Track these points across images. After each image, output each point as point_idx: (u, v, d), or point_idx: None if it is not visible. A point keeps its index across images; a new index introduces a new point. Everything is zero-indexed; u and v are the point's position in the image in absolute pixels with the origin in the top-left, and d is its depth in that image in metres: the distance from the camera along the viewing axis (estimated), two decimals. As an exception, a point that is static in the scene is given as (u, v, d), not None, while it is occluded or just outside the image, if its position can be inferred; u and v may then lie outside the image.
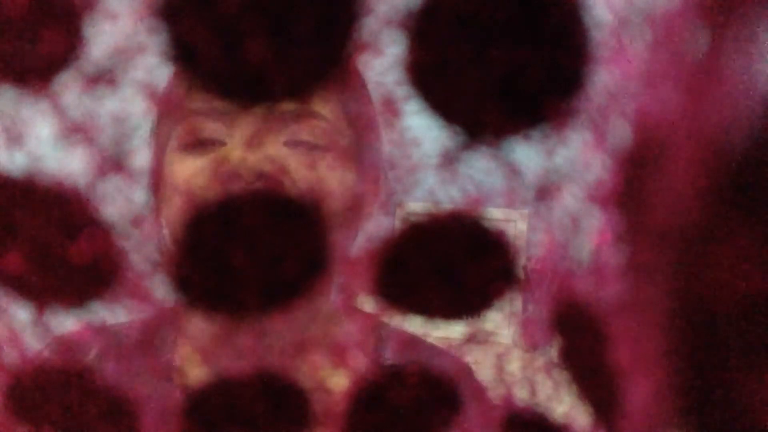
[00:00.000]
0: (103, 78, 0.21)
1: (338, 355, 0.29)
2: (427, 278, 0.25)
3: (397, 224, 0.25)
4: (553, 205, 0.24)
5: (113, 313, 0.24)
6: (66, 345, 0.25)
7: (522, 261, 0.25)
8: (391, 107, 0.23)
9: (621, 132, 0.21)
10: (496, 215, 0.25)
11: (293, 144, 0.37)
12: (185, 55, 0.20)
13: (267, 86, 0.20)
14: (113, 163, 0.22)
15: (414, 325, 0.27)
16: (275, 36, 0.19)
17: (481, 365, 0.31)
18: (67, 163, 0.22)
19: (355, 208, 0.38)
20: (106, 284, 0.23)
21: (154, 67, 0.21)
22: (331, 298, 0.39)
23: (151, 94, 0.22)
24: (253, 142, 0.35)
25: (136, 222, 0.23)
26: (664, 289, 0.18)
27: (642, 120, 0.20)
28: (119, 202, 0.23)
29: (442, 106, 0.21)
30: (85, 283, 0.23)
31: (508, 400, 0.28)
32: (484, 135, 0.21)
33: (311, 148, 0.37)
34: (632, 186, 0.20)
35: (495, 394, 0.28)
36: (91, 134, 0.22)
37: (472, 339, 0.29)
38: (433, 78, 0.21)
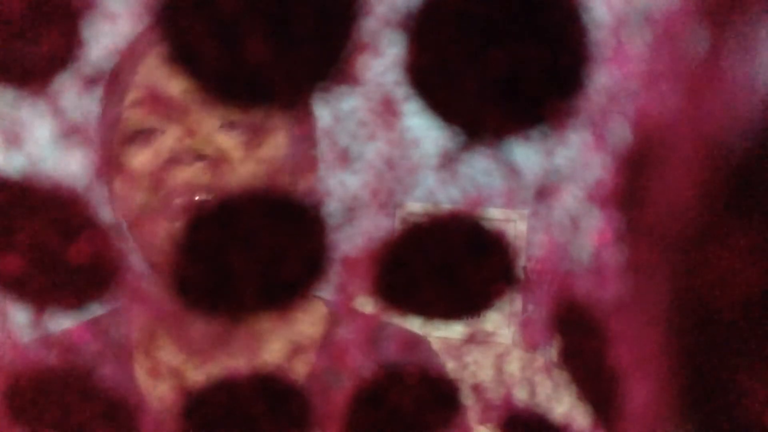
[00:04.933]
0: (103, 78, 0.21)
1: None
2: (427, 278, 0.25)
3: (397, 224, 0.25)
4: (553, 205, 0.24)
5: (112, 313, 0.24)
6: (65, 345, 0.25)
7: (522, 261, 0.25)
8: (391, 107, 0.23)
9: (621, 132, 0.21)
10: (496, 215, 0.25)
11: (229, 126, 0.37)
12: (185, 55, 0.20)
13: (267, 86, 0.20)
14: (113, 164, 0.22)
15: (414, 325, 0.27)
16: (275, 36, 0.19)
17: (481, 365, 0.31)
18: (65, 164, 0.22)
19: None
20: (105, 285, 0.23)
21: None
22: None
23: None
24: (191, 128, 0.35)
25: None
26: (664, 289, 0.18)
27: (642, 120, 0.20)
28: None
29: (442, 106, 0.21)
30: (84, 284, 0.23)
31: (508, 400, 0.28)
32: (484, 135, 0.21)
33: (248, 128, 0.37)
34: (632, 186, 0.20)
35: (495, 394, 0.28)
36: (90, 135, 0.22)
37: (472, 339, 0.29)
38: (433, 78, 0.21)
